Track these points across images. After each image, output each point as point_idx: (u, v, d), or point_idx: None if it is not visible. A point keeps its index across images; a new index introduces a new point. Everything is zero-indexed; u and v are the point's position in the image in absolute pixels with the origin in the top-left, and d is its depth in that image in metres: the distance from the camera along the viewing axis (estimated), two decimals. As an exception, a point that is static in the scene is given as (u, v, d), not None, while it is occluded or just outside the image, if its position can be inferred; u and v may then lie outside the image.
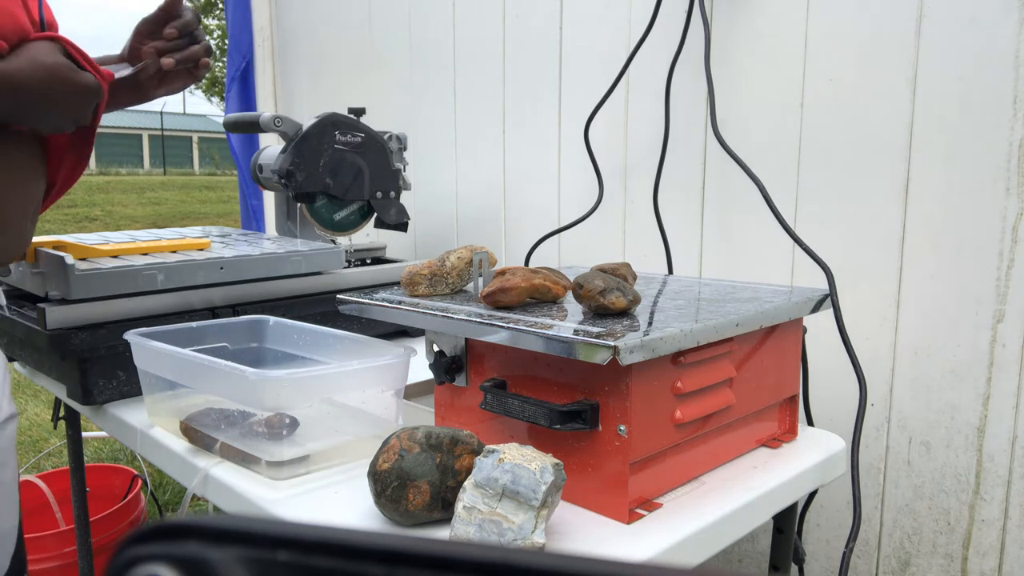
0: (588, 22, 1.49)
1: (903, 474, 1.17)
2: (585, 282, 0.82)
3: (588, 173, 1.49)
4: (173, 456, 0.95)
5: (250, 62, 2.36)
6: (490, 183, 1.73)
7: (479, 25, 1.71)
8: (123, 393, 1.12)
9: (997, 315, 1.06)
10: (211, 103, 22.13)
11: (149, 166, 22.17)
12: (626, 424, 0.73)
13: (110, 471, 2.12)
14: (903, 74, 1.11)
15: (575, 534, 0.73)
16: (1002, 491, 1.08)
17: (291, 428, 0.87)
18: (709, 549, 0.76)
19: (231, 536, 0.18)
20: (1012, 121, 1.02)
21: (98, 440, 2.93)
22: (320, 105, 1.81)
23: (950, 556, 1.13)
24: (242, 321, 1.09)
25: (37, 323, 1.06)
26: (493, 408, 0.82)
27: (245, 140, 2.37)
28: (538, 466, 0.67)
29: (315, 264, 1.33)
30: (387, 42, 1.97)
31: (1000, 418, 1.07)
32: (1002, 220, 1.04)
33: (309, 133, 1.43)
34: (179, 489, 2.52)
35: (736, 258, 1.32)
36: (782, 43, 1.23)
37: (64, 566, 1.73)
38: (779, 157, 1.24)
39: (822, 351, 1.16)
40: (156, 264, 1.14)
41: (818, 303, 0.95)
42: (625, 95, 1.44)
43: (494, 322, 0.79)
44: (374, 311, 0.93)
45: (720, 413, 0.85)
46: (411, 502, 0.72)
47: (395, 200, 1.57)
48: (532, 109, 1.62)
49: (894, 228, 1.14)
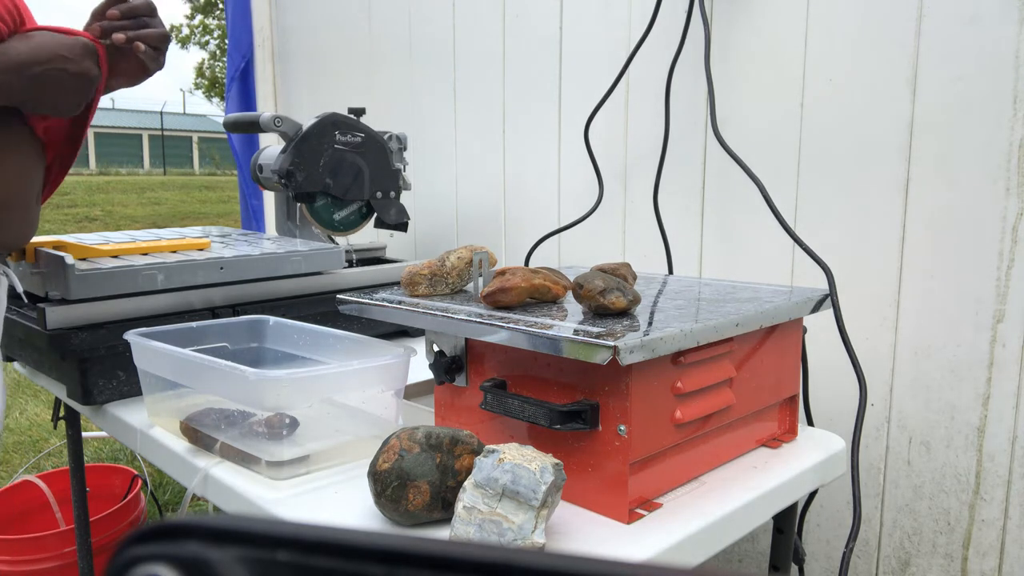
0: (588, 22, 1.49)
1: (903, 474, 1.17)
2: (585, 282, 0.82)
3: (588, 173, 1.49)
4: (173, 456, 0.95)
5: (250, 62, 2.36)
6: (490, 183, 1.73)
7: (479, 25, 1.71)
8: (123, 393, 1.12)
9: (997, 315, 1.06)
10: (211, 103, 22.13)
11: (149, 166, 22.17)
12: (626, 424, 0.73)
13: (110, 471, 2.12)
14: (903, 74, 1.11)
15: (575, 534, 0.73)
16: (1002, 491, 1.08)
17: (291, 428, 0.87)
18: (709, 549, 0.76)
19: (231, 536, 0.18)
20: (1012, 121, 1.02)
21: (98, 440, 2.93)
22: (320, 105, 1.81)
23: (950, 556, 1.13)
24: (242, 321, 1.09)
25: (37, 323, 1.06)
26: (493, 408, 0.82)
27: (245, 140, 2.37)
28: (538, 466, 0.67)
29: (315, 264, 1.33)
30: (387, 42, 1.97)
31: (1000, 418, 1.07)
32: (1002, 220, 1.04)
33: (309, 133, 1.43)
34: (179, 489, 2.52)
35: (736, 258, 1.32)
36: (782, 43, 1.23)
37: (64, 566, 1.73)
38: (779, 157, 1.24)
39: (822, 351, 1.16)
40: (156, 264, 1.14)
41: (818, 303, 0.95)
42: (625, 95, 1.44)
43: (494, 322, 0.79)
44: (374, 311, 0.93)
45: (720, 413, 0.85)
46: (411, 502, 0.72)
47: (395, 200, 1.57)
48: (532, 109, 1.62)
49: (894, 228, 1.14)
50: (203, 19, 19.81)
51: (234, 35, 2.39)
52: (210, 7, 18.05)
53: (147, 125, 23.23)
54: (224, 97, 2.54)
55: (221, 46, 16.32)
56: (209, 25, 20.08)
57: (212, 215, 11.05)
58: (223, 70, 14.09)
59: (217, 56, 20.07)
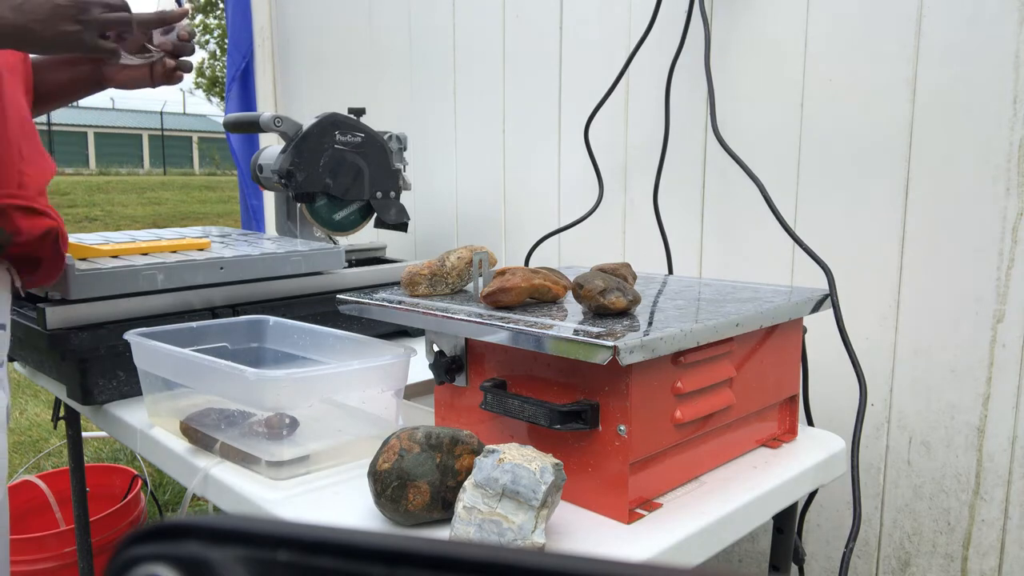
0: (588, 22, 1.49)
1: (903, 474, 1.17)
2: (585, 282, 0.82)
3: (588, 173, 1.49)
4: (173, 456, 0.95)
5: (250, 62, 2.36)
6: (490, 183, 1.73)
7: (479, 25, 1.71)
8: (123, 393, 1.12)
9: (997, 315, 1.06)
10: (211, 103, 22.12)
11: (149, 166, 22.17)
12: (626, 424, 0.73)
13: (110, 471, 2.12)
14: (903, 74, 1.11)
15: (575, 534, 0.73)
16: (1002, 491, 1.08)
17: (291, 428, 0.87)
18: (709, 549, 0.76)
19: (231, 536, 0.18)
20: (1012, 121, 1.02)
21: (98, 440, 2.93)
22: (320, 105, 1.81)
23: (950, 556, 1.13)
24: (242, 321, 1.09)
25: (37, 323, 1.06)
26: (493, 408, 0.82)
27: (245, 140, 2.37)
28: (538, 466, 0.67)
29: (315, 264, 1.33)
30: (387, 42, 1.97)
31: (1000, 418, 1.07)
32: (1002, 220, 1.04)
33: (309, 133, 1.43)
34: (179, 489, 2.52)
35: (736, 258, 1.32)
36: (782, 43, 1.23)
37: (64, 566, 1.73)
38: (779, 157, 1.24)
39: (822, 351, 1.16)
40: (156, 264, 1.14)
41: (818, 303, 0.95)
42: (625, 95, 1.44)
43: (494, 322, 0.79)
44: (374, 311, 0.93)
45: (720, 413, 0.85)
46: (411, 502, 0.72)
47: (395, 200, 1.57)
48: (532, 109, 1.62)
49: (894, 228, 1.14)
50: (203, 19, 19.83)
51: (234, 35, 2.38)
52: (210, 7, 18.05)
53: (147, 125, 23.23)
54: (224, 97, 2.54)
55: (221, 45, 16.32)
56: (209, 25, 20.08)
57: (212, 215, 11.05)
58: (223, 69, 14.08)
59: (217, 56, 20.07)
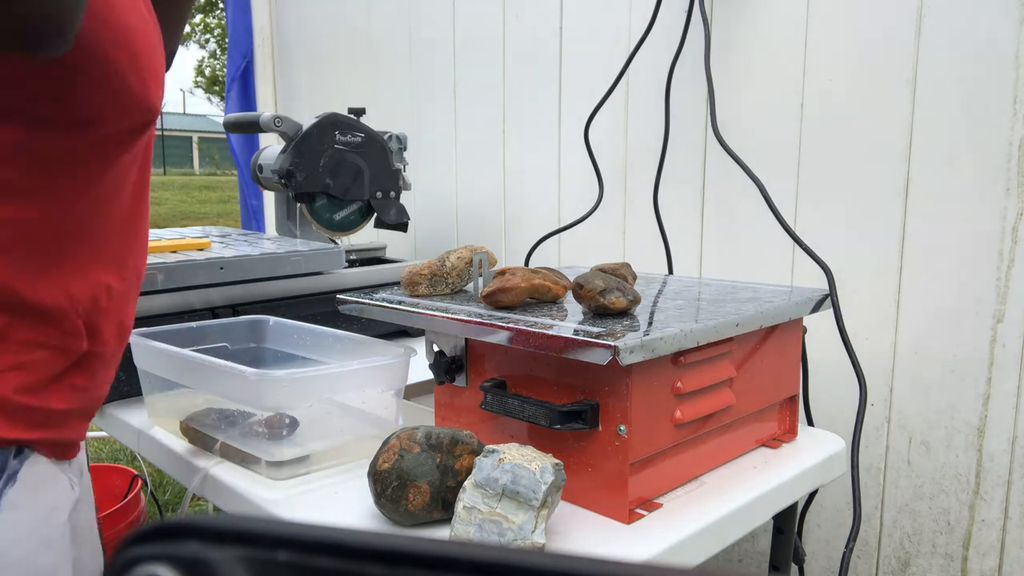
0: (588, 22, 1.49)
1: (903, 474, 1.17)
2: (585, 282, 0.82)
3: (588, 173, 1.49)
4: (173, 456, 0.95)
5: (250, 62, 2.36)
6: (490, 183, 1.73)
7: (479, 25, 1.71)
8: (123, 393, 1.12)
9: (997, 315, 1.06)
10: (211, 103, 22.12)
11: (149, 166, 22.11)
12: (626, 424, 0.73)
13: (110, 471, 2.12)
14: (903, 74, 1.11)
15: (575, 534, 0.73)
16: (1002, 491, 1.08)
17: (291, 428, 0.87)
18: (709, 549, 0.76)
19: (231, 536, 0.18)
20: (1012, 121, 1.02)
21: (98, 440, 2.93)
22: (320, 105, 1.81)
23: (950, 556, 1.13)
24: (242, 321, 1.09)
25: (37, 323, 1.06)
26: (493, 408, 0.82)
27: (245, 140, 2.37)
28: (538, 466, 0.67)
29: (315, 264, 1.33)
30: (387, 42, 1.97)
31: (1000, 418, 1.07)
32: (1002, 220, 1.04)
33: (309, 133, 1.43)
34: (179, 489, 2.52)
35: (736, 258, 1.32)
36: (782, 43, 1.23)
37: (64, 566, 1.73)
38: (779, 157, 1.24)
39: (822, 351, 1.16)
40: (156, 264, 1.14)
41: (818, 303, 0.95)
42: (625, 95, 1.44)
43: (494, 322, 0.79)
44: (374, 311, 0.93)
45: (720, 413, 0.85)
46: (411, 502, 0.72)
47: (395, 200, 1.57)
48: (532, 109, 1.62)
49: (894, 228, 1.14)
50: (203, 18, 19.83)
51: (234, 35, 2.39)
52: (210, 6, 18.07)
53: (147, 125, 23.17)
54: (224, 97, 2.54)
55: (221, 45, 16.33)
56: (209, 24, 20.09)
57: (212, 215, 11.05)
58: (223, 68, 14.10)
59: (217, 55, 20.09)
